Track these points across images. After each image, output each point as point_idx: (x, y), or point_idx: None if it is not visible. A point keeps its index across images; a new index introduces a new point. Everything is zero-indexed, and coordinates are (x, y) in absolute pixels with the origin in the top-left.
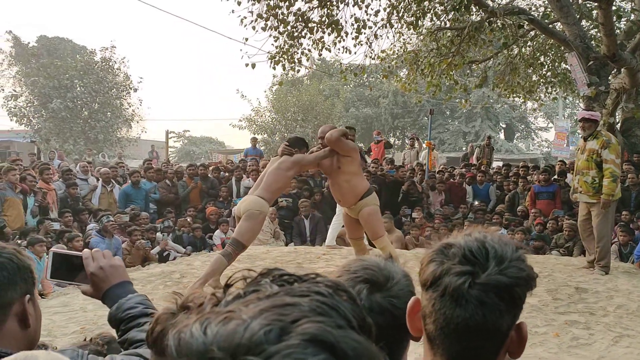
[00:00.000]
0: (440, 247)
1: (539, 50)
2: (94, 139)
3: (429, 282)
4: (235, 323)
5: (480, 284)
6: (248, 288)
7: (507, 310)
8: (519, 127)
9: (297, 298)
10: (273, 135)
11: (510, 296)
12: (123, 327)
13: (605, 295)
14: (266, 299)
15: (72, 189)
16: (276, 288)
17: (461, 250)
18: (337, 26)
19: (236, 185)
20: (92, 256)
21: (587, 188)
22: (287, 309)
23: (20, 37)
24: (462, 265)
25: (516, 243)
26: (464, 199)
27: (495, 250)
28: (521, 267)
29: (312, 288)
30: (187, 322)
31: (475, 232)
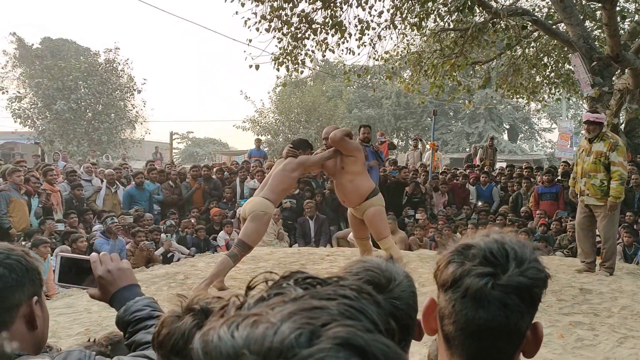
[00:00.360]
0: (459, 247)
1: (543, 51)
2: (97, 141)
3: (449, 283)
4: (264, 326)
5: (502, 285)
6: (271, 291)
7: (527, 311)
8: (522, 128)
9: (325, 301)
10: (277, 137)
11: (531, 297)
12: (131, 330)
13: (610, 296)
14: (292, 302)
15: (77, 190)
16: (301, 291)
17: (481, 252)
18: (340, 27)
19: (240, 186)
20: (100, 260)
21: (594, 191)
22: (316, 312)
23: (24, 38)
24: (483, 266)
25: (533, 244)
26: (467, 200)
27: (515, 252)
28: (539, 268)
29: (338, 291)
30: (213, 325)
31: (493, 233)
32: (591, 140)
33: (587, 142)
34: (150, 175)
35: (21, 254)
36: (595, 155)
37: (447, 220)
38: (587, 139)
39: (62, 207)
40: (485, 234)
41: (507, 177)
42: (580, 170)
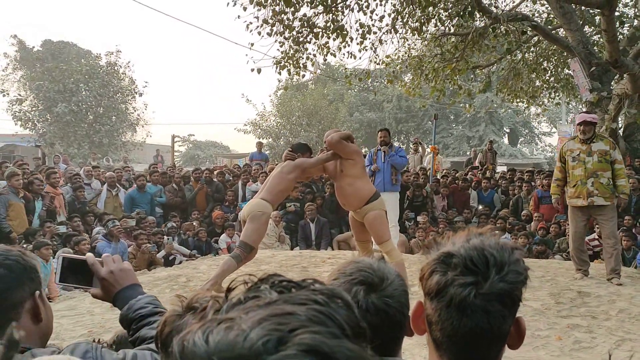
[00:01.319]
0: (441, 256)
1: (542, 56)
2: (98, 143)
3: (434, 292)
4: (235, 333)
5: (484, 293)
6: (248, 294)
7: (509, 314)
8: (522, 131)
9: (295, 306)
10: (278, 140)
11: (512, 300)
12: (134, 327)
13: (608, 299)
14: (265, 306)
15: (79, 191)
16: (275, 295)
17: (462, 260)
18: (342, 31)
19: (242, 189)
20: (103, 261)
21: (603, 190)
22: (286, 318)
23: (25, 41)
24: (464, 276)
25: (511, 244)
26: (468, 204)
27: (495, 258)
28: (519, 271)
29: (309, 296)
30: (191, 329)
31: (473, 238)
32: (587, 140)
33: (581, 143)
34: (152, 178)
35: (18, 254)
36: (599, 154)
37: (448, 224)
38: (582, 140)
39: (66, 210)
40: (465, 239)
41: (508, 180)
42: (583, 172)
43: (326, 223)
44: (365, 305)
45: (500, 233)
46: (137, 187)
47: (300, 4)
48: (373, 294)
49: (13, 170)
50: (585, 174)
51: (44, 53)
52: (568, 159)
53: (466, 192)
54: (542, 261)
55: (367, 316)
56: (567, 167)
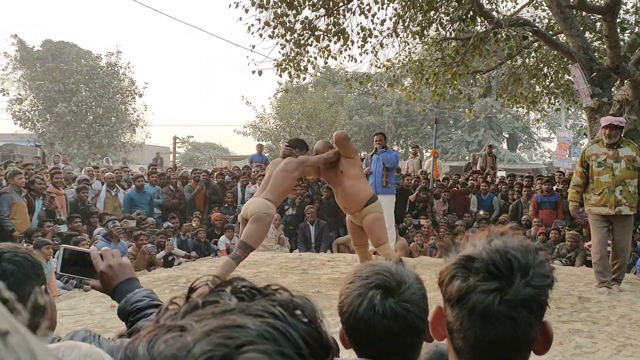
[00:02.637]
0: (461, 260)
1: (543, 62)
2: (98, 144)
3: (455, 299)
4: (178, 345)
5: (509, 300)
6: (208, 297)
7: (536, 320)
8: (521, 137)
9: (249, 318)
10: (277, 142)
11: (538, 305)
12: (131, 319)
13: (608, 305)
14: (220, 315)
15: (82, 193)
16: (234, 302)
17: (485, 265)
18: (343, 35)
19: (241, 191)
20: (102, 255)
21: (630, 199)
22: (236, 331)
23: (25, 40)
24: (487, 281)
25: (536, 245)
26: (468, 208)
27: (519, 260)
28: (545, 274)
29: (267, 307)
30: (138, 336)
31: (495, 239)
32: (613, 145)
33: (607, 148)
34: (150, 179)
35: (26, 251)
36: (627, 160)
37: (449, 228)
38: (608, 145)
39: (67, 210)
40: (486, 241)
41: (508, 186)
42: (611, 179)
43: (326, 226)
44: (382, 310)
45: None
46: (135, 187)
47: (302, 6)
48: (390, 299)
49: (15, 169)
50: (614, 181)
51: (44, 53)
52: (592, 164)
53: (466, 197)
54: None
55: (384, 321)
56: (590, 172)
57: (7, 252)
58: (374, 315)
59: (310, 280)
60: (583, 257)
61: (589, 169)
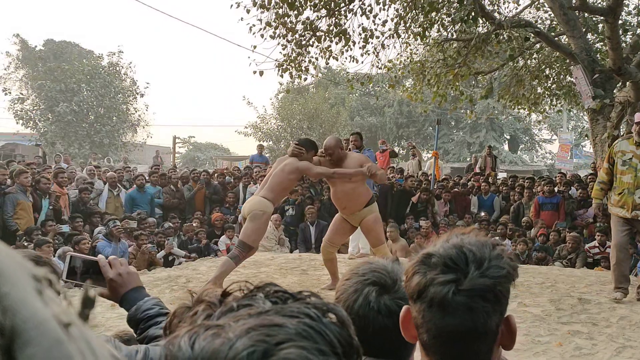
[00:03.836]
0: (421, 257)
1: (545, 63)
2: (99, 143)
3: (416, 294)
4: (221, 341)
5: (465, 290)
6: (242, 301)
7: (493, 310)
8: (523, 138)
9: (286, 319)
10: (278, 143)
11: (495, 296)
12: (142, 326)
13: (608, 306)
14: (256, 316)
15: (85, 193)
16: (268, 305)
17: (441, 259)
18: (344, 35)
19: (243, 191)
20: (110, 263)
21: None
22: (274, 329)
23: (27, 40)
24: (444, 274)
25: (493, 241)
26: (468, 209)
27: (474, 254)
28: (501, 266)
29: (302, 309)
30: (179, 333)
31: (453, 237)
32: None
33: (636, 146)
34: (151, 179)
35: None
36: None
37: (449, 229)
38: (638, 143)
39: (69, 210)
40: (445, 239)
41: (509, 187)
42: (633, 179)
43: (326, 226)
44: (377, 306)
45: (501, 239)
46: (136, 187)
47: (304, 7)
48: (386, 295)
49: (21, 168)
50: (635, 183)
51: (46, 52)
52: (617, 162)
53: (467, 198)
54: (543, 268)
55: (379, 318)
56: (615, 170)
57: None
58: (369, 311)
59: (309, 280)
60: (584, 259)
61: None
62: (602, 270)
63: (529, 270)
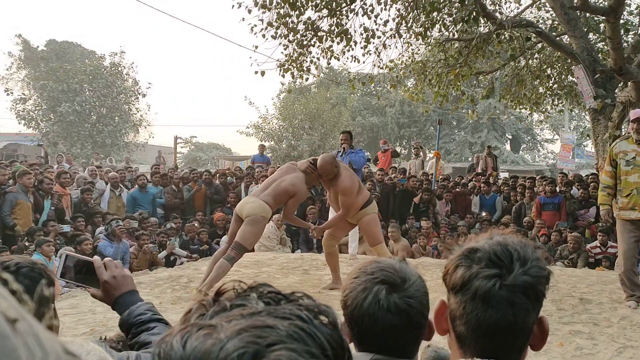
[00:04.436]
0: (465, 251)
1: (546, 63)
2: (101, 144)
3: (459, 285)
4: (212, 341)
5: (508, 285)
6: (235, 301)
7: (533, 308)
8: (524, 138)
9: (278, 320)
10: (280, 143)
11: (535, 294)
12: (134, 331)
13: (609, 306)
14: (249, 317)
15: (87, 194)
16: (261, 305)
17: (487, 254)
18: (346, 35)
19: (245, 191)
20: (105, 265)
21: None
22: (266, 331)
23: (29, 40)
24: (489, 268)
25: (533, 244)
26: (469, 209)
27: (518, 252)
28: (542, 266)
29: (294, 311)
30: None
31: (497, 236)
32: None
33: (637, 144)
34: (153, 179)
35: (42, 267)
36: None
37: (450, 229)
38: (638, 141)
39: (71, 210)
40: (488, 237)
41: (510, 187)
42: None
43: None
44: (387, 304)
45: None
46: (138, 186)
47: (305, 7)
48: (395, 294)
49: (24, 169)
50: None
51: (49, 53)
52: (620, 163)
53: (467, 198)
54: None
55: (388, 316)
56: (618, 172)
57: (24, 267)
58: (378, 310)
59: (311, 280)
60: (585, 259)
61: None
62: (604, 270)
63: None
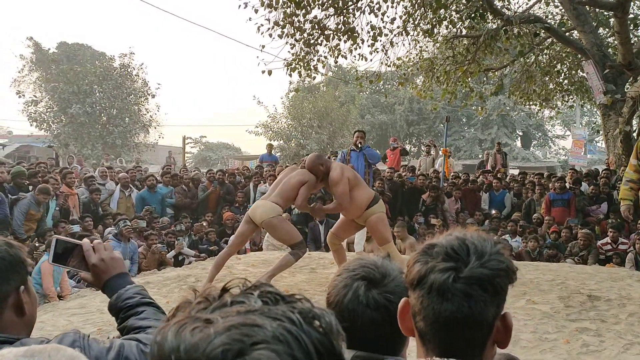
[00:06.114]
0: (424, 248)
1: (556, 58)
2: (112, 144)
3: (415, 281)
4: (202, 335)
5: (464, 277)
6: (236, 298)
7: (491, 301)
8: (535, 134)
9: (268, 320)
10: (289, 142)
11: (493, 287)
12: (122, 315)
13: (618, 303)
14: (244, 314)
15: (95, 194)
16: (259, 304)
17: (443, 249)
18: (353, 34)
19: (253, 191)
20: (94, 248)
21: None
22: (254, 330)
23: (41, 43)
24: (445, 262)
25: (495, 239)
26: (479, 206)
27: (475, 246)
28: (501, 260)
29: (286, 313)
30: (169, 323)
31: (456, 232)
32: None
33: None
34: (163, 179)
35: (5, 248)
36: None
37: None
38: None
39: (79, 210)
40: (449, 233)
41: (520, 183)
42: None
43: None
44: (365, 300)
45: (511, 236)
46: (147, 187)
47: (312, 6)
48: (374, 290)
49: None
50: None
51: (60, 55)
52: None
53: (476, 194)
54: (553, 265)
55: (367, 311)
56: None
57: None
58: (357, 305)
59: (318, 279)
60: (596, 256)
61: None
62: (614, 267)
63: (540, 267)
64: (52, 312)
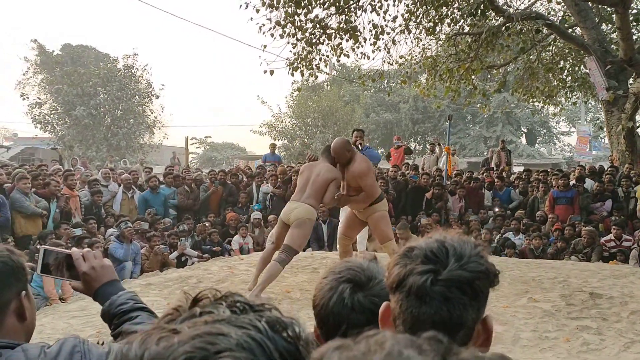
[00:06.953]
0: (403, 251)
1: (559, 55)
2: (116, 146)
3: (395, 284)
4: (165, 345)
5: (442, 280)
6: (206, 308)
7: (470, 304)
8: (540, 131)
9: (233, 329)
10: (293, 141)
11: (472, 290)
12: (116, 321)
13: (620, 301)
14: (210, 324)
15: (97, 196)
16: (227, 314)
17: (422, 251)
18: (355, 32)
19: (256, 191)
20: (83, 256)
21: None
22: (218, 338)
23: (45, 45)
24: (424, 264)
25: (475, 241)
26: (482, 204)
27: (455, 249)
28: (480, 262)
29: (253, 321)
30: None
31: (436, 234)
32: None
33: None
34: (166, 180)
35: (6, 254)
36: None
37: (462, 224)
38: None
39: (81, 212)
40: (429, 236)
41: (525, 181)
42: None
43: (338, 224)
44: (351, 303)
45: (514, 234)
46: (149, 188)
47: (313, 5)
48: (360, 293)
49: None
50: None
51: (64, 57)
52: None
53: (480, 192)
54: (556, 262)
55: (352, 314)
56: None
57: None
58: (342, 308)
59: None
60: (599, 253)
61: None
62: (617, 264)
63: (542, 265)
64: (52, 314)
